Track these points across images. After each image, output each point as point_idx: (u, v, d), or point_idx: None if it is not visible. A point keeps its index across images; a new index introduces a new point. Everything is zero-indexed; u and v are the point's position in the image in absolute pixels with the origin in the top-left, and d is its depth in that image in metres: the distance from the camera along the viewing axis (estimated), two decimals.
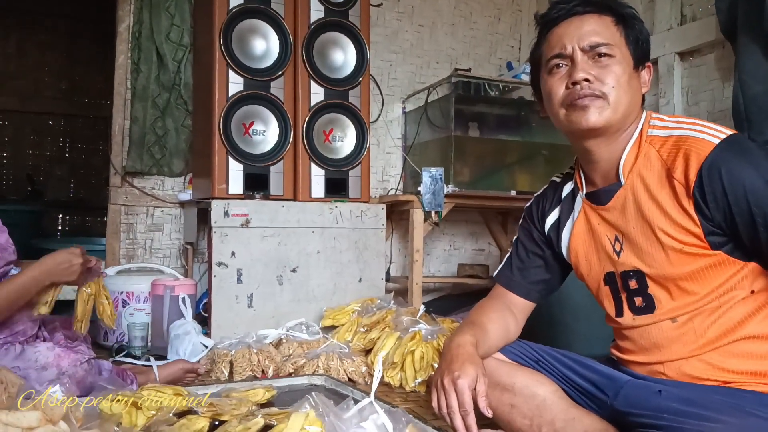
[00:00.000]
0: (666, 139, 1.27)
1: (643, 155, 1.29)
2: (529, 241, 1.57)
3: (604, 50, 1.29)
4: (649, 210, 1.27)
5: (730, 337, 1.23)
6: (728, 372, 1.23)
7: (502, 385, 1.42)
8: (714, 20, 2.70)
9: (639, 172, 1.29)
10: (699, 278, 1.25)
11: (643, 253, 1.29)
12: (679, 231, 1.23)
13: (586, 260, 1.43)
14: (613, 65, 1.29)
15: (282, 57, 2.83)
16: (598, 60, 1.29)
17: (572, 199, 1.48)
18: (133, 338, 2.46)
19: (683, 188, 1.21)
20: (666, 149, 1.26)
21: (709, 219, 1.20)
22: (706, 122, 1.26)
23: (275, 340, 2.45)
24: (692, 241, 1.22)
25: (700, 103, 2.85)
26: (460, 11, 3.87)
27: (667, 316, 1.29)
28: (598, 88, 1.27)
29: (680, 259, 1.24)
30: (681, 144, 1.23)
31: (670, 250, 1.25)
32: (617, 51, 1.30)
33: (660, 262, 1.27)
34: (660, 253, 1.26)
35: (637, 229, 1.30)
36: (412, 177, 3.51)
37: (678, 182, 1.22)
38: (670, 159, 1.24)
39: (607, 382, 1.38)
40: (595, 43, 1.29)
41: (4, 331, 1.68)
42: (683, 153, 1.22)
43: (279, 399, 1.68)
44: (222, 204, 2.61)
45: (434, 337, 2.16)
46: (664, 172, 1.25)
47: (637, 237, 1.30)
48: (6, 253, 1.73)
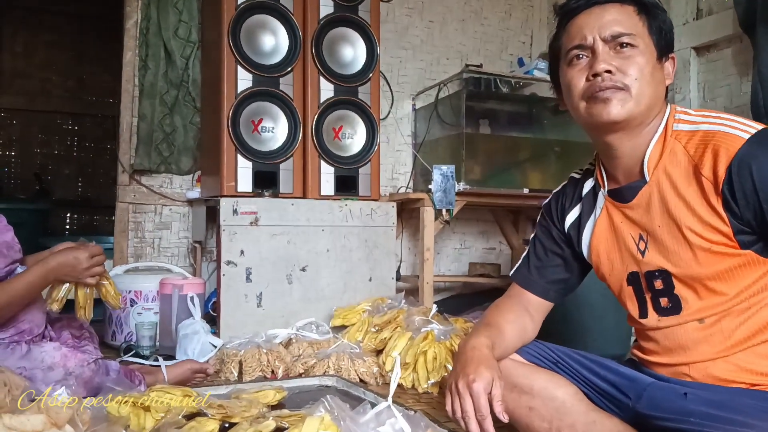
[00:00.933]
0: (693, 134, 1.22)
1: (669, 151, 1.24)
2: (548, 239, 1.52)
3: (626, 40, 1.24)
4: (675, 208, 1.22)
5: (760, 338, 1.19)
6: (757, 374, 1.19)
7: (520, 387, 1.38)
8: (731, 14, 2.65)
9: (665, 168, 1.24)
10: (728, 278, 1.20)
11: (670, 252, 1.25)
12: (707, 229, 1.18)
13: (608, 259, 1.39)
14: (636, 56, 1.24)
15: (291, 53, 2.79)
16: (620, 51, 1.24)
17: (593, 196, 1.43)
18: (141, 338, 2.43)
19: (711, 185, 1.16)
20: (693, 144, 1.21)
21: (738, 217, 1.15)
22: (734, 116, 1.21)
23: (285, 340, 2.42)
24: (721, 239, 1.18)
25: (716, 98, 2.79)
26: (470, 7, 3.82)
27: (694, 317, 1.24)
28: (620, 79, 1.23)
29: (708, 259, 1.20)
30: (709, 139, 1.18)
31: (697, 249, 1.20)
32: (640, 41, 1.25)
33: (687, 262, 1.22)
34: (687, 252, 1.22)
35: (663, 228, 1.25)
36: (422, 175, 3.47)
37: (706, 179, 1.17)
38: (698, 155, 1.19)
39: (628, 384, 1.33)
40: (617, 33, 1.24)
41: (9, 329, 1.65)
42: (712, 148, 1.17)
43: (290, 400, 1.65)
44: (231, 202, 2.57)
45: (447, 337, 2.12)
46: (691, 169, 1.20)
47: (662, 236, 1.25)
48: (12, 251, 1.70)
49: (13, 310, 1.63)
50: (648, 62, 1.25)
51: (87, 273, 1.69)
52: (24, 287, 1.61)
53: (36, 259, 1.77)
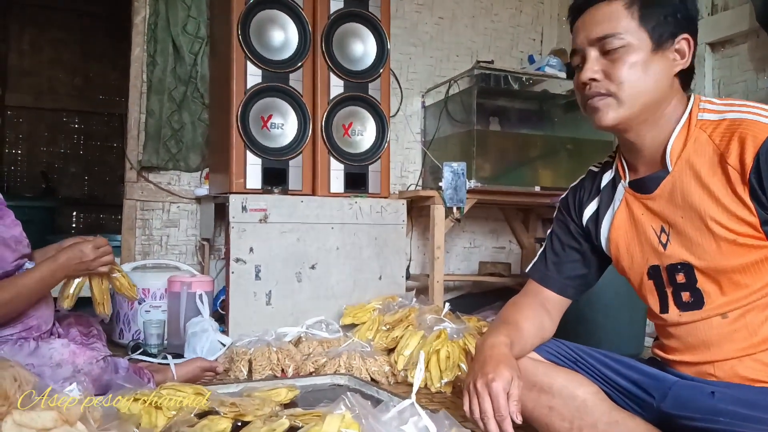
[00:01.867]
0: (718, 123, 1.19)
1: (693, 140, 1.21)
2: (565, 234, 1.48)
3: (612, 42, 1.22)
4: (699, 198, 1.19)
5: None
6: None
7: (540, 386, 1.35)
8: (747, 9, 2.61)
9: (688, 158, 1.21)
10: (753, 271, 1.16)
11: (693, 244, 1.21)
12: (732, 220, 1.15)
13: (627, 252, 1.35)
14: (625, 56, 1.21)
15: (301, 48, 2.76)
16: (609, 53, 1.22)
17: (612, 188, 1.39)
18: (149, 336, 2.40)
19: (738, 174, 1.13)
20: (719, 133, 1.17)
21: (765, 207, 1.12)
22: (761, 104, 1.18)
23: (294, 339, 2.39)
24: (747, 231, 1.14)
25: (732, 95, 2.75)
26: (480, 3, 3.79)
27: (717, 311, 1.21)
28: (605, 86, 1.22)
29: (733, 251, 1.16)
30: (735, 127, 1.15)
31: (722, 240, 1.17)
32: (629, 38, 1.21)
33: (711, 254, 1.19)
34: (711, 244, 1.18)
35: (686, 219, 1.21)
36: (431, 172, 3.43)
37: (732, 168, 1.13)
38: (724, 143, 1.15)
39: (652, 383, 1.30)
40: (602, 35, 1.22)
41: (17, 326, 1.63)
42: (738, 137, 1.13)
43: (302, 399, 1.62)
44: (240, 199, 2.55)
45: (460, 336, 2.09)
46: (716, 158, 1.17)
47: (685, 227, 1.22)
48: (21, 245, 1.68)
49: (22, 306, 1.61)
50: (641, 58, 1.21)
51: (97, 263, 1.69)
52: (33, 283, 1.60)
53: (44, 253, 1.75)
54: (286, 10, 2.75)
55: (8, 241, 1.63)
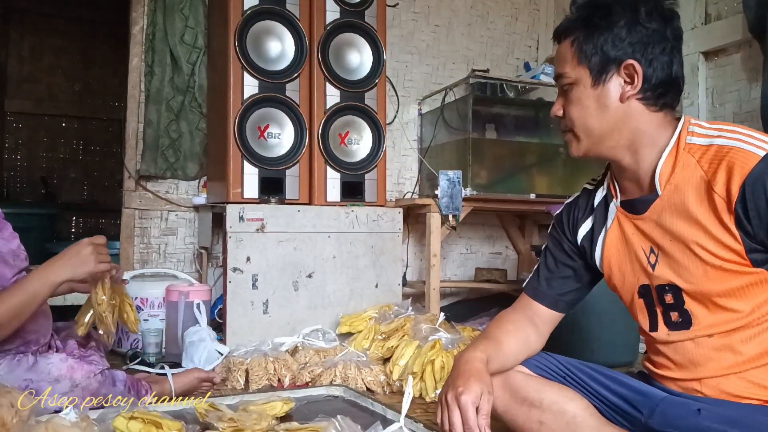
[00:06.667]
0: (706, 149, 1.19)
1: (681, 165, 1.21)
2: (559, 251, 1.50)
3: (563, 81, 1.29)
4: (687, 224, 1.20)
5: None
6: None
7: (530, 401, 1.36)
8: (740, 19, 2.63)
9: (677, 183, 1.21)
10: (739, 295, 1.17)
11: (680, 267, 1.22)
12: (718, 247, 1.16)
13: (619, 271, 1.37)
14: (572, 93, 1.27)
15: (297, 59, 2.78)
16: (565, 91, 1.29)
17: (605, 207, 1.41)
18: (148, 345, 2.42)
19: (724, 203, 1.13)
20: (707, 160, 1.18)
21: (751, 236, 1.12)
22: (750, 130, 1.18)
23: (291, 348, 2.41)
24: (732, 257, 1.15)
25: (725, 104, 2.77)
26: (476, 11, 3.81)
27: (704, 332, 1.22)
28: (565, 123, 1.30)
29: (719, 276, 1.17)
30: (723, 155, 1.15)
31: (708, 266, 1.18)
32: (573, 75, 1.27)
33: (698, 278, 1.20)
34: (698, 268, 1.19)
35: (674, 243, 1.22)
36: (428, 180, 3.45)
37: (719, 196, 1.14)
38: (711, 171, 1.16)
39: (641, 398, 1.31)
40: (557, 74, 1.31)
41: (16, 340, 1.64)
42: (726, 165, 1.13)
43: (297, 412, 1.64)
44: (237, 208, 2.57)
45: (455, 345, 2.11)
46: (703, 185, 1.17)
47: (673, 251, 1.23)
48: (18, 260, 1.69)
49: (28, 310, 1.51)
50: (584, 94, 1.26)
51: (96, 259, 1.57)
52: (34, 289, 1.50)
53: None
54: (283, 21, 2.77)
55: (6, 257, 1.64)
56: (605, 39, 1.24)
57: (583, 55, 1.25)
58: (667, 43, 1.24)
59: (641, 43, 1.23)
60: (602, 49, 1.24)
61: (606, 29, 1.24)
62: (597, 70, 1.24)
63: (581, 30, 1.26)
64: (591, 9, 1.27)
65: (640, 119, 1.25)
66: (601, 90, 1.25)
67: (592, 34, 1.25)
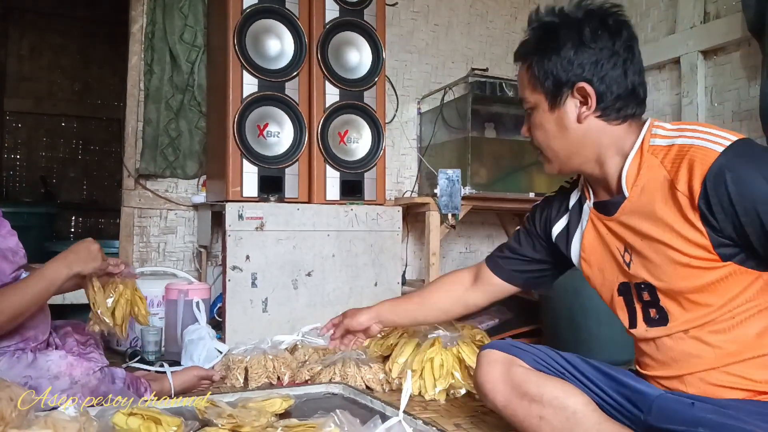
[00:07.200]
0: (669, 149, 1.22)
1: (646, 167, 1.24)
2: (527, 238, 1.62)
3: (524, 104, 1.33)
4: (654, 224, 1.22)
5: (751, 353, 1.18)
6: (757, 382, 1.18)
7: (531, 395, 1.37)
8: (739, 17, 2.64)
9: (643, 184, 1.24)
10: (711, 290, 1.19)
11: (652, 265, 1.25)
12: (686, 245, 1.18)
13: (599, 270, 1.40)
14: (535, 118, 1.32)
15: (297, 57, 2.79)
16: (529, 115, 1.34)
17: (579, 208, 1.45)
18: (147, 343, 2.42)
19: (688, 200, 1.16)
20: (669, 159, 1.20)
21: (717, 230, 1.14)
22: (710, 127, 1.20)
23: (290, 346, 2.41)
24: (701, 254, 1.17)
25: (724, 102, 2.77)
26: (476, 10, 3.81)
27: (680, 328, 1.25)
28: (534, 143, 1.35)
29: (690, 273, 1.19)
30: (684, 153, 1.17)
31: (678, 264, 1.20)
32: (532, 100, 1.32)
33: (669, 276, 1.22)
34: (668, 266, 1.22)
35: (644, 243, 1.26)
36: (427, 178, 3.46)
37: (682, 194, 1.16)
38: (674, 170, 1.19)
39: (639, 397, 1.32)
40: (520, 99, 1.35)
41: (14, 337, 1.64)
42: (687, 163, 1.16)
43: (297, 409, 1.64)
44: (236, 207, 2.57)
45: (454, 343, 2.10)
46: (667, 184, 1.20)
47: (644, 250, 1.26)
48: (17, 257, 1.69)
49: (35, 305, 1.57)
50: (544, 118, 1.30)
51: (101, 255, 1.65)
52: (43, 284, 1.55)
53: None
54: (282, 20, 2.77)
55: (5, 253, 1.64)
56: (554, 63, 1.27)
57: (537, 81, 1.29)
58: (618, 57, 1.26)
59: (591, 63, 1.25)
60: (553, 74, 1.27)
61: (555, 53, 1.26)
62: (551, 94, 1.28)
63: (533, 55, 1.30)
64: (540, 33, 1.31)
65: (602, 135, 1.28)
66: (558, 113, 1.29)
67: (543, 59, 1.28)
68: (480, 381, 1.47)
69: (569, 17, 1.28)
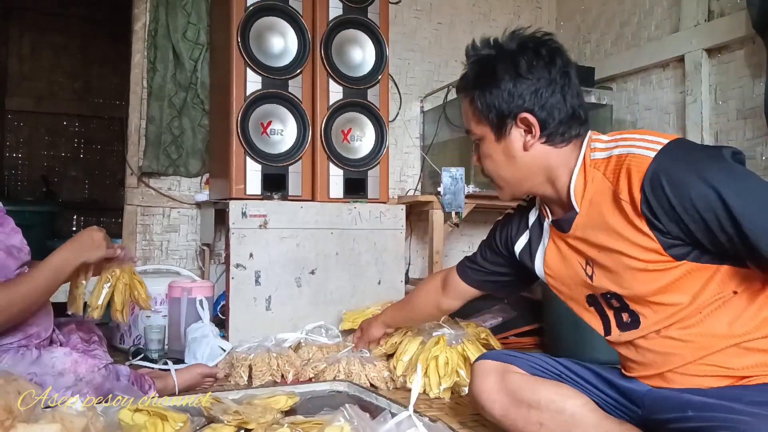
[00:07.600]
0: (608, 160, 1.24)
1: (591, 180, 1.27)
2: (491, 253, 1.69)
3: (472, 138, 1.37)
4: (606, 235, 1.24)
5: (724, 342, 1.18)
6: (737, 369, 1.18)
7: (528, 402, 1.37)
8: (743, 15, 2.63)
9: (591, 198, 1.27)
10: (674, 290, 1.20)
11: (613, 275, 1.27)
12: (639, 251, 1.19)
13: (564, 285, 1.42)
14: (483, 149, 1.35)
15: (300, 55, 2.78)
16: (477, 145, 1.37)
17: (539, 225, 1.48)
18: (150, 341, 2.42)
19: (631, 208, 1.18)
20: (610, 171, 1.23)
21: (665, 233, 1.15)
22: (643, 133, 1.22)
23: (294, 344, 2.40)
24: (654, 257, 1.18)
25: (729, 100, 2.77)
26: (478, 8, 3.81)
27: (652, 329, 1.26)
28: (484, 172, 1.39)
29: (648, 277, 1.21)
30: (621, 163, 1.20)
31: (635, 270, 1.22)
32: (478, 132, 1.34)
33: (630, 283, 1.24)
34: (626, 273, 1.23)
35: (602, 254, 1.27)
36: (430, 177, 3.45)
37: (625, 203, 1.18)
38: (615, 180, 1.21)
39: (631, 394, 1.35)
40: (466, 130, 1.38)
41: (17, 334, 1.63)
42: (625, 172, 1.18)
43: (302, 406, 1.64)
44: (240, 205, 2.56)
45: (458, 341, 2.10)
46: (611, 195, 1.22)
47: (603, 261, 1.28)
48: (22, 253, 1.69)
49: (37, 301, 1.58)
50: (492, 149, 1.33)
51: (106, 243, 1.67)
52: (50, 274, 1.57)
53: None
54: (286, 18, 2.76)
55: (10, 249, 1.64)
56: (495, 96, 1.29)
57: (481, 114, 1.31)
58: (555, 84, 1.28)
59: (530, 93, 1.28)
60: (495, 106, 1.30)
61: (495, 86, 1.29)
62: (496, 126, 1.31)
63: (474, 89, 1.32)
64: (478, 67, 1.33)
65: (549, 158, 1.31)
66: (505, 143, 1.31)
67: (484, 92, 1.31)
68: (476, 392, 1.47)
69: (504, 49, 1.30)
